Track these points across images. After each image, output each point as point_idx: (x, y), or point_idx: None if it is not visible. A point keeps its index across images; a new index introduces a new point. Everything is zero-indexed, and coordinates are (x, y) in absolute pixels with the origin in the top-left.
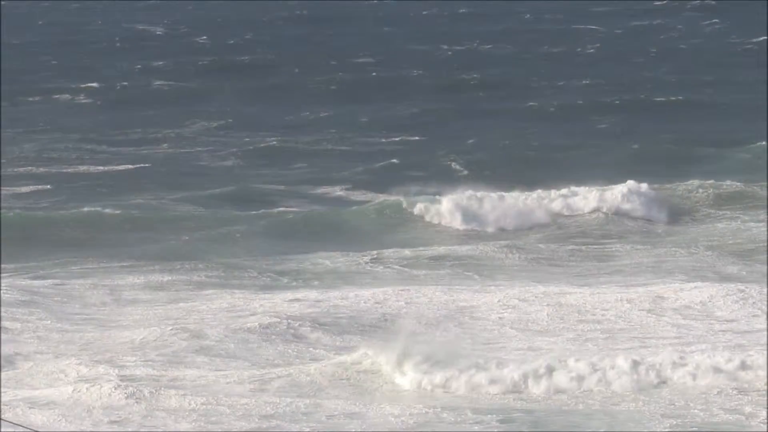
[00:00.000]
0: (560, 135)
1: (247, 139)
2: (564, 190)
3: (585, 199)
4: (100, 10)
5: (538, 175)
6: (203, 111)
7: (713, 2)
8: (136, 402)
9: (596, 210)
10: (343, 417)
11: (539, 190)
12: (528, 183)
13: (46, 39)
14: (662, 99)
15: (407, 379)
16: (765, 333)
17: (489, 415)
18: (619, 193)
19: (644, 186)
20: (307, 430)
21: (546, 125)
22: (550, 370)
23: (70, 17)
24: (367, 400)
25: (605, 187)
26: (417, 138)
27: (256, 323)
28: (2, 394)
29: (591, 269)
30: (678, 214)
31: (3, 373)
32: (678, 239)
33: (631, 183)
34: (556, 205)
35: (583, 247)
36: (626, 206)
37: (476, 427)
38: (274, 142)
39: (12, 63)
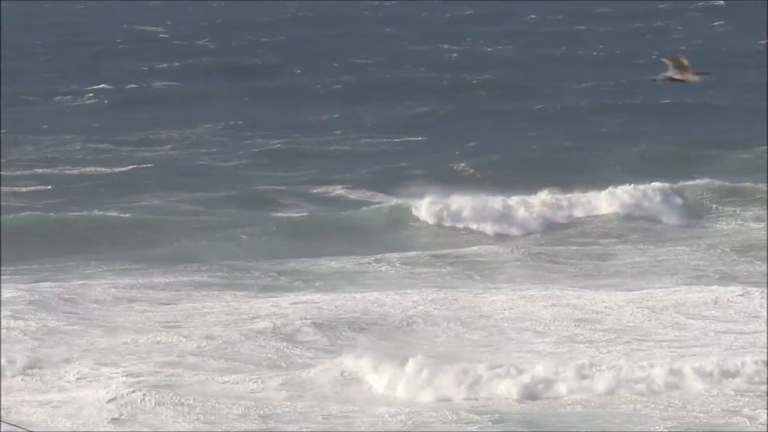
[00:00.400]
0: (564, 136)
1: (251, 141)
2: (568, 192)
3: (589, 200)
4: (102, 11)
5: (543, 176)
6: (207, 113)
7: (722, 3)
8: (138, 402)
9: (600, 211)
10: (340, 417)
11: (545, 192)
12: (532, 184)
13: (49, 40)
14: (666, 101)
15: (405, 380)
16: (765, 334)
17: (484, 416)
18: (623, 195)
19: (648, 187)
20: (305, 430)
21: (549, 127)
22: (550, 372)
23: (74, 18)
24: (365, 400)
25: (609, 189)
26: (421, 139)
27: (260, 325)
28: (5, 395)
29: (594, 270)
30: (682, 214)
31: (5, 374)
32: (681, 239)
33: (635, 185)
34: (561, 207)
35: (587, 248)
36: (630, 207)
37: (471, 427)
38: (279, 144)
39: (15, 64)
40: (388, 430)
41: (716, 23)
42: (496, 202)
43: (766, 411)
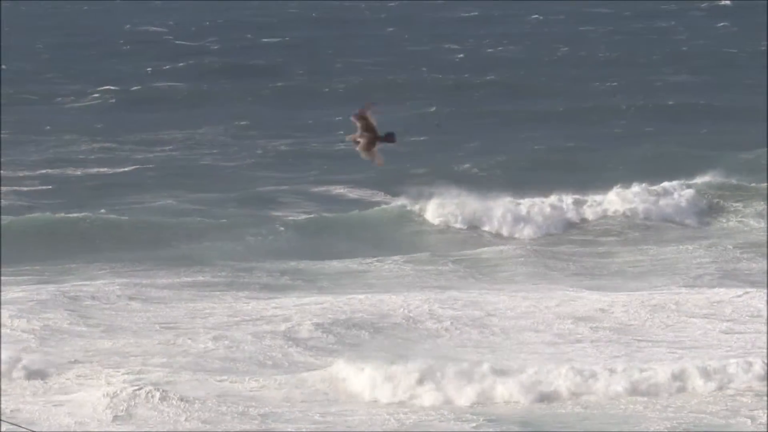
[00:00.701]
0: (568, 137)
1: (255, 142)
2: (571, 193)
3: (593, 201)
4: (105, 12)
5: (548, 177)
6: (211, 113)
7: (729, 3)
8: (140, 401)
9: (605, 212)
10: (339, 416)
11: (549, 193)
12: (537, 185)
13: (52, 41)
14: (670, 102)
15: (405, 380)
16: (765, 334)
17: (482, 415)
18: (628, 195)
19: (651, 188)
20: (304, 430)
21: (554, 127)
22: (549, 372)
23: (77, 19)
24: (365, 400)
25: (614, 189)
26: (426, 139)
27: (263, 325)
28: (8, 395)
29: (596, 270)
30: (684, 214)
31: (7, 373)
32: (682, 239)
33: (638, 185)
34: (566, 208)
35: (590, 248)
36: (633, 207)
37: (467, 427)
38: (283, 145)
39: (17, 65)
40: (386, 429)
41: (721, 24)
42: (501, 202)
43: (766, 411)
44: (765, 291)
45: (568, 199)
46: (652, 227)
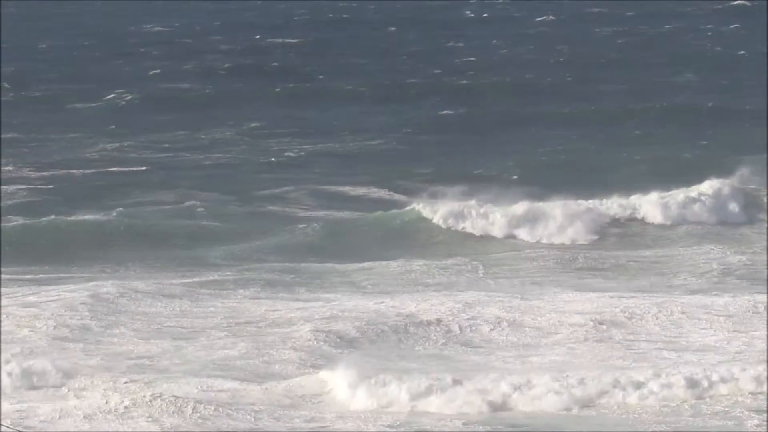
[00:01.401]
0: (578, 140)
1: (264, 142)
2: (581, 197)
3: (602, 204)
4: (110, 13)
5: (555, 179)
6: (218, 115)
7: (747, 3)
8: (141, 403)
9: (614, 215)
10: (335, 415)
11: (561, 198)
12: (547, 187)
13: (57, 42)
14: (677, 104)
15: (406, 385)
16: (765, 335)
17: (475, 417)
18: (636, 198)
19: (658, 190)
20: (299, 429)
21: (563, 130)
22: (544, 374)
23: (82, 20)
24: (360, 401)
25: (623, 193)
26: (437, 142)
27: (267, 328)
28: (10, 396)
29: (599, 272)
30: (689, 216)
31: (8, 378)
32: (689, 240)
33: (646, 188)
34: (578, 211)
35: (596, 251)
36: (642, 210)
37: (459, 424)
38: (293, 146)
39: (22, 65)
40: (381, 430)
41: (733, 26)
42: (514, 204)
43: (766, 412)
44: (766, 292)
45: (578, 202)
46: (657, 227)
